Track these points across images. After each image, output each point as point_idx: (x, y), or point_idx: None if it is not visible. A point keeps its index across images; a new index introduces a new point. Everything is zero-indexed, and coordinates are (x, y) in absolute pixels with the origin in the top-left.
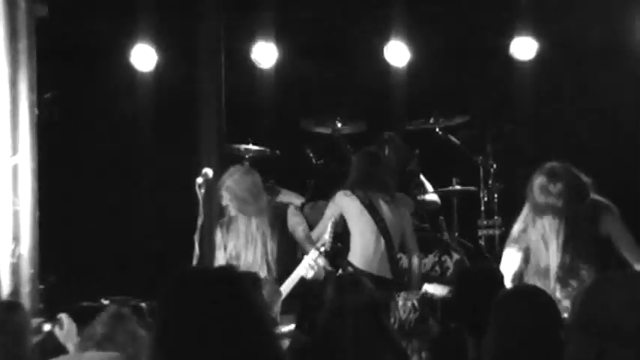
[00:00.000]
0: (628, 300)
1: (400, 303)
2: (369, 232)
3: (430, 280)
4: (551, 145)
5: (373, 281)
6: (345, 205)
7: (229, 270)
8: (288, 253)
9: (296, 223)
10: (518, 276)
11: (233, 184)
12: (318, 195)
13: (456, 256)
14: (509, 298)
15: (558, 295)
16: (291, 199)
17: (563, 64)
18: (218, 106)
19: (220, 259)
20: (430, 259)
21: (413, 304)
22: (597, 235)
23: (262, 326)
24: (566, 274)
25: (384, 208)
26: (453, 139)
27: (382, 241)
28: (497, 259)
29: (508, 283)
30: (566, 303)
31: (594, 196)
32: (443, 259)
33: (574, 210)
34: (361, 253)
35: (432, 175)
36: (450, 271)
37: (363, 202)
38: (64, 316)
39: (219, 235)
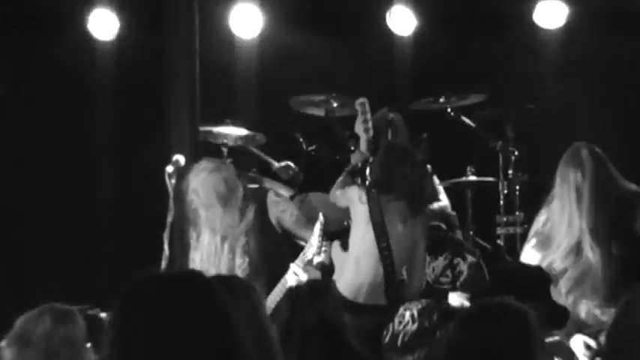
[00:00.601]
0: None
1: (399, 312)
2: (368, 256)
3: (439, 287)
4: (581, 128)
5: (356, 310)
6: (355, 210)
7: (196, 274)
8: (276, 252)
9: (280, 212)
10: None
11: (198, 187)
12: (309, 186)
13: (470, 259)
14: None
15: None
16: (277, 190)
17: (596, 33)
18: (190, 81)
19: (197, 262)
20: (440, 262)
21: (412, 315)
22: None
23: (236, 341)
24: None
25: (398, 230)
26: (467, 121)
27: (381, 270)
28: None
29: None
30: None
31: (627, 184)
32: (455, 261)
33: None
34: (351, 278)
35: (443, 163)
36: (464, 276)
37: (372, 216)
38: None
39: (194, 235)
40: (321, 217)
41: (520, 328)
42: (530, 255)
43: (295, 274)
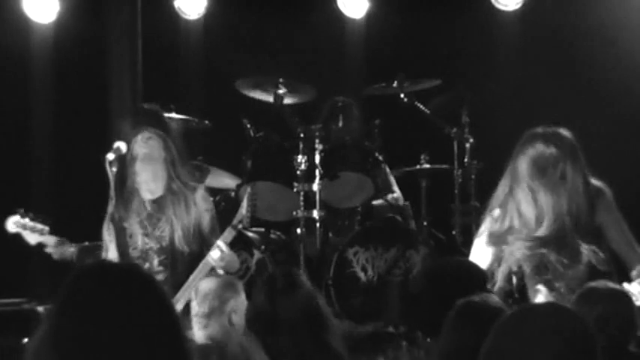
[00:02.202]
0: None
1: None
2: None
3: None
4: (540, 114)
5: None
6: None
7: (135, 267)
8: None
9: (204, 210)
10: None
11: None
12: (256, 175)
13: (423, 250)
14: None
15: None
16: (223, 179)
17: (556, 13)
18: (133, 65)
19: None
20: (392, 254)
21: None
22: (594, 224)
23: (177, 335)
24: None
25: None
26: (421, 107)
27: None
28: None
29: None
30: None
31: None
32: (408, 253)
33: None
34: None
35: (396, 150)
36: (417, 268)
37: None
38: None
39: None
40: (250, 187)
41: None
42: (481, 250)
43: (220, 251)
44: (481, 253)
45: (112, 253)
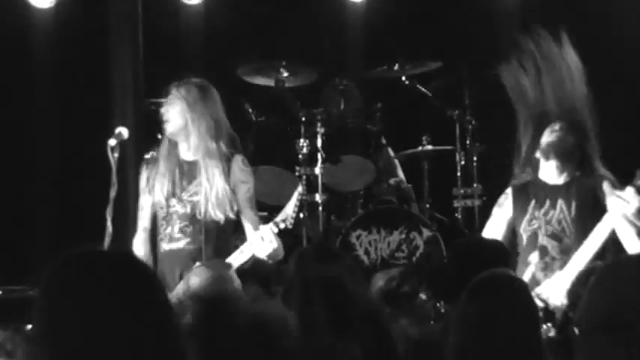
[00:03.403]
0: None
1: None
2: None
3: (394, 262)
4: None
5: None
6: None
7: (131, 254)
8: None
9: (240, 181)
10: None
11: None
12: (259, 159)
13: (427, 233)
14: (482, 288)
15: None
16: None
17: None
18: (134, 51)
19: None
20: (395, 237)
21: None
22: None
23: (170, 328)
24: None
25: None
26: (423, 89)
27: None
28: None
29: None
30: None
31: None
32: (411, 236)
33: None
34: None
35: (398, 133)
36: (420, 250)
37: None
38: None
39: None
40: (300, 187)
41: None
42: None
43: (263, 240)
44: (495, 221)
45: (145, 202)
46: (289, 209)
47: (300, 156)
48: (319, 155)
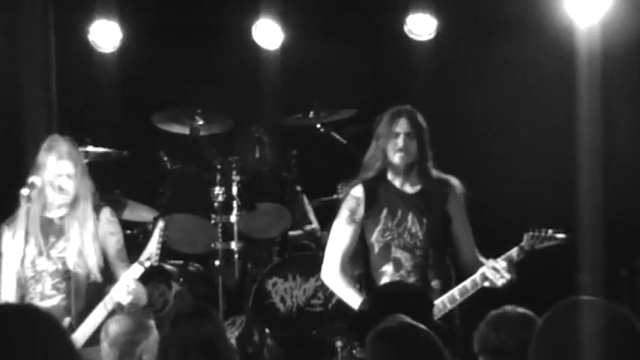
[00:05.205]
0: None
1: None
2: None
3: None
4: (457, 138)
5: None
6: None
7: (33, 308)
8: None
9: (108, 233)
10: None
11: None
12: (174, 207)
13: None
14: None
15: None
16: (141, 213)
17: (467, 42)
18: (47, 95)
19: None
20: (312, 283)
21: None
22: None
23: None
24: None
25: None
26: (338, 137)
27: None
28: None
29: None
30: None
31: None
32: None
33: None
34: None
35: (314, 181)
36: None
37: None
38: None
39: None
40: (161, 222)
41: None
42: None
43: (126, 286)
44: (342, 233)
45: (5, 269)
46: (152, 247)
47: (216, 204)
48: (235, 203)
